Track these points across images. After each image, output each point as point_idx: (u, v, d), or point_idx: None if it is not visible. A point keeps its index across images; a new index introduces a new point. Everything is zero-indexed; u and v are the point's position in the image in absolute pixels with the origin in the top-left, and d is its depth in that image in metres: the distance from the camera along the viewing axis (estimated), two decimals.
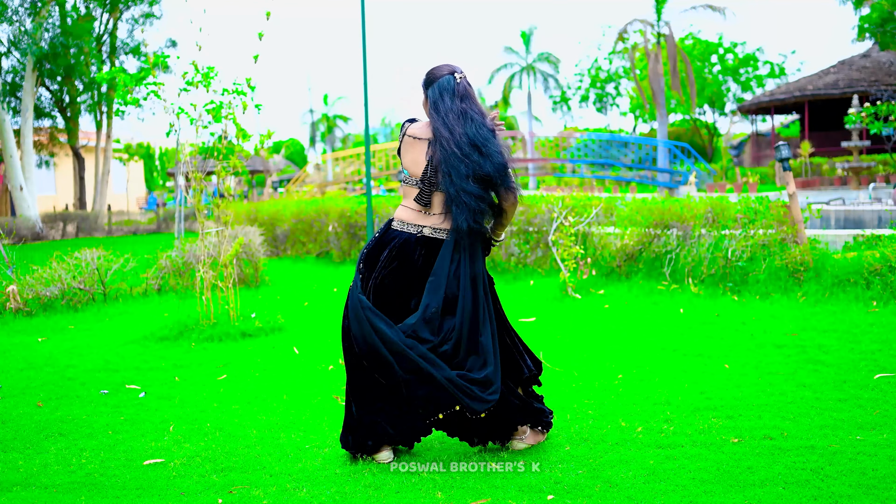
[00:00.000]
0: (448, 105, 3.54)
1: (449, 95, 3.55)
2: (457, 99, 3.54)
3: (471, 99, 3.57)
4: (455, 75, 3.59)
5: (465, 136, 3.47)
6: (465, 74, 3.63)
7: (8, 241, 9.42)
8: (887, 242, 7.41)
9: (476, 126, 3.50)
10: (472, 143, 3.47)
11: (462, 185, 3.44)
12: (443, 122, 3.51)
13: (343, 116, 59.69)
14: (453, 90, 3.55)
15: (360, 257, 3.70)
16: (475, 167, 3.45)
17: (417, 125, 3.65)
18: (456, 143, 3.46)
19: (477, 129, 3.49)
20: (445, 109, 3.53)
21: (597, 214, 8.91)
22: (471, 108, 3.54)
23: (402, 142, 3.66)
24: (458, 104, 3.53)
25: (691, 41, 41.79)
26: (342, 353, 3.71)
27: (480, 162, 3.45)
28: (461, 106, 3.53)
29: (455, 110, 3.52)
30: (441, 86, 3.57)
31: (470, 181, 3.44)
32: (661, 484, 3.19)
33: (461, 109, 3.52)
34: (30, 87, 23.48)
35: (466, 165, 3.44)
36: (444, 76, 3.59)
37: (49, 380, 5.52)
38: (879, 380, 4.55)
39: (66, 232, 23.79)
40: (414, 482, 3.35)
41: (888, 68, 29.42)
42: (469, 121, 3.50)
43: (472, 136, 3.47)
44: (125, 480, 3.53)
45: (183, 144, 7.13)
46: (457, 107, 3.53)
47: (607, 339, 6.01)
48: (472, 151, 3.46)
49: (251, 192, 29.55)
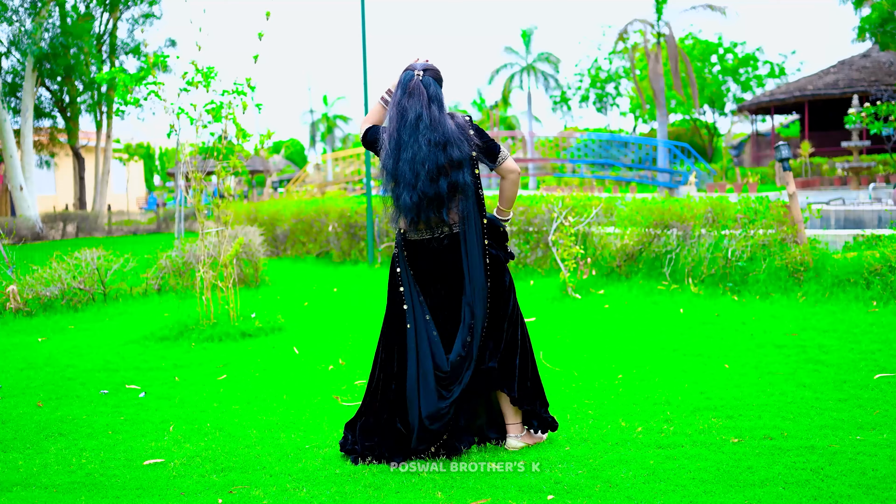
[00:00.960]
0: (396, 99, 3.56)
1: (400, 90, 3.57)
2: (405, 95, 3.53)
3: (417, 97, 3.51)
4: (415, 71, 3.58)
5: (395, 134, 3.50)
6: (427, 72, 3.57)
7: (8, 241, 9.42)
8: (887, 242, 7.41)
9: (407, 126, 3.48)
10: (397, 143, 3.49)
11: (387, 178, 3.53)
12: (388, 120, 3.58)
13: (343, 116, 59.67)
14: (405, 86, 3.56)
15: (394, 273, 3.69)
16: (391, 167, 3.50)
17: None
18: (389, 138, 3.52)
19: (405, 129, 3.48)
20: (393, 102, 3.57)
21: (597, 214, 8.91)
22: (412, 106, 3.50)
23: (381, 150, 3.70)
24: (405, 101, 3.52)
25: (691, 41, 41.79)
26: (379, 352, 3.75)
27: (398, 163, 3.49)
28: (405, 103, 3.52)
29: (399, 106, 3.53)
30: (400, 79, 3.60)
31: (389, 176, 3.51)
32: (661, 484, 3.19)
33: (403, 107, 3.52)
34: (30, 87, 23.48)
35: (391, 160, 3.49)
36: (406, 71, 3.61)
37: (49, 380, 5.52)
38: (879, 380, 4.55)
39: (66, 232, 23.79)
40: (414, 482, 3.35)
41: (888, 68, 29.42)
42: (403, 120, 3.50)
43: (404, 136, 3.49)
44: (125, 480, 3.53)
45: (183, 144, 7.13)
46: (403, 103, 3.53)
47: (607, 339, 6.01)
48: (394, 150, 3.49)
49: (251, 192, 29.54)
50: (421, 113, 3.48)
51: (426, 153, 3.46)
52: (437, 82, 3.58)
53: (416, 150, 3.45)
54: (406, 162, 3.46)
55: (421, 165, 3.45)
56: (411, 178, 3.45)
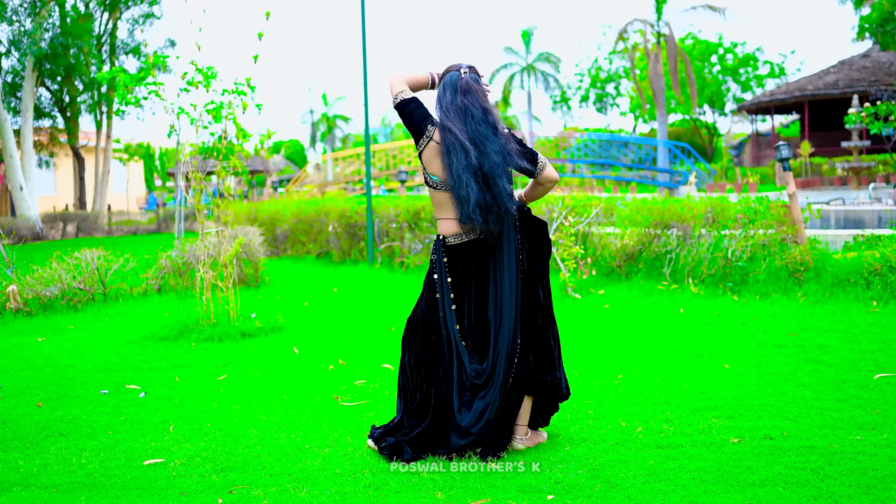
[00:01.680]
0: (448, 100, 3.53)
1: (451, 91, 3.54)
2: (458, 94, 3.52)
3: (473, 94, 3.52)
4: (461, 71, 3.58)
5: (465, 132, 3.46)
6: (471, 71, 3.60)
7: (8, 241, 9.42)
8: (887, 242, 7.41)
9: (476, 122, 3.47)
10: (472, 139, 3.46)
11: (462, 177, 3.41)
12: (447, 118, 3.51)
13: (343, 116, 59.68)
14: (455, 86, 3.54)
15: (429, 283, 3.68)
16: (474, 164, 3.42)
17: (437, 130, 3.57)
18: (458, 137, 3.45)
19: (476, 126, 3.47)
20: (447, 104, 3.53)
21: (597, 214, 8.91)
22: (472, 104, 3.50)
23: (427, 147, 3.56)
24: (460, 99, 3.51)
25: (691, 41, 41.80)
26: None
27: (480, 159, 3.43)
28: (463, 101, 3.50)
29: (455, 105, 3.51)
30: (445, 82, 3.58)
31: (468, 174, 3.40)
32: (661, 484, 3.19)
33: (462, 105, 3.50)
34: (30, 87, 23.48)
35: (466, 158, 3.42)
36: (450, 73, 3.60)
37: (49, 380, 5.52)
38: (879, 380, 4.55)
39: (66, 232, 23.79)
40: (414, 482, 3.35)
41: (888, 68, 29.43)
42: (469, 117, 3.48)
43: (471, 131, 3.46)
44: (125, 480, 3.53)
45: (183, 144, 7.13)
46: (458, 102, 3.51)
47: (607, 339, 6.01)
48: (471, 147, 3.44)
49: (251, 192, 29.54)
50: (486, 107, 3.50)
51: (503, 145, 3.47)
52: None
53: (494, 142, 3.45)
54: (493, 154, 3.42)
55: (500, 157, 3.44)
56: (499, 168, 3.42)
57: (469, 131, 3.46)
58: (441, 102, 3.56)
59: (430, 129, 3.56)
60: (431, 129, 3.56)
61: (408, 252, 10.92)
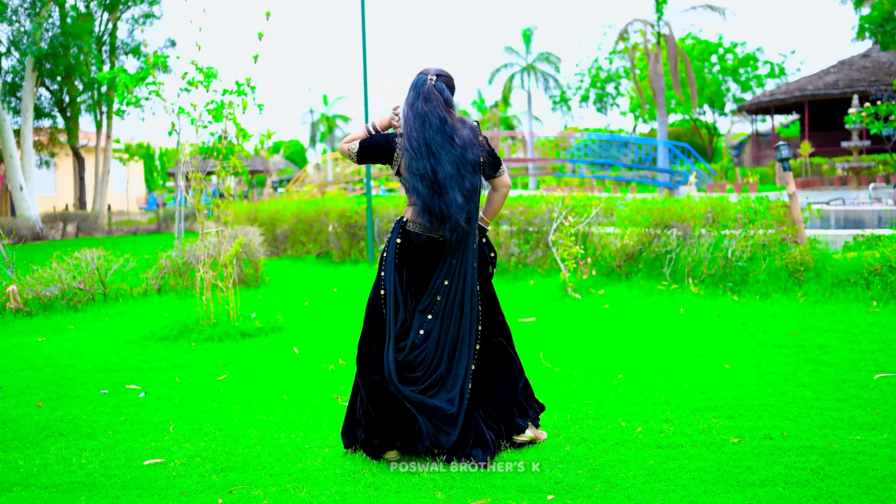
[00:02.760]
0: (411, 101, 3.59)
1: (414, 93, 3.60)
2: (420, 100, 3.56)
3: (433, 102, 3.55)
4: (428, 76, 3.62)
5: (424, 140, 3.51)
6: (441, 78, 3.62)
7: (8, 241, 9.42)
8: (887, 242, 7.40)
9: (433, 131, 3.51)
10: (428, 146, 3.50)
11: (414, 181, 3.51)
12: (405, 122, 3.58)
13: (343, 116, 59.67)
14: (419, 90, 3.59)
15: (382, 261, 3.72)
16: (428, 168, 3.49)
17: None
18: (415, 141, 3.51)
19: (433, 134, 3.51)
20: (409, 103, 3.59)
21: (597, 214, 8.91)
22: (431, 111, 3.53)
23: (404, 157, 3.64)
24: (421, 105, 3.55)
25: (691, 41, 41.79)
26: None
27: (435, 167, 3.49)
28: (423, 108, 3.55)
29: (415, 111, 3.56)
30: (413, 83, 3.63)
31: (416, 178, 3.49)
32: (661, 484, 3.19)
33: (422, 111, 3.54)
34: (30, 87, 23.48)
35: (417, 161, 3.49)
36: (419, 75, 3.64)
37: (49, 380, 5.52)
38: (879, 380, 4.55)
39: (66, 232, 23.79)
40: (414, 482, 3.35)
41: (888, 68, 29.42)
42: (427, 124, 3.52)
43: (427, 139, 3.50)
44: (125, 480, 3.53)
45: (183, 144, 7.13)
46: (419, 107, 3.55)
47: (607, 339, 6.01)
48: (428, 156, 3.50)
49: (251, 192, 29.54)
50: (444, 117, 3.54)
51: (458, 155, 3.52)
52: (449, 88, 3.64)
53: (449, 152, 3.50)
54: (446, 164, 3.48)
55: (454, 167, 3.49)
56: (451, 179, 3.48)
57: (426, 138, 3.51)
58: (408, 98, 3.63)
59: (397, 141, 3.64)
60: (400, 140, 3.63)
61: None
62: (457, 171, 3.50)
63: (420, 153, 3.50)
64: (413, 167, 3.52)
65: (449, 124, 3.54)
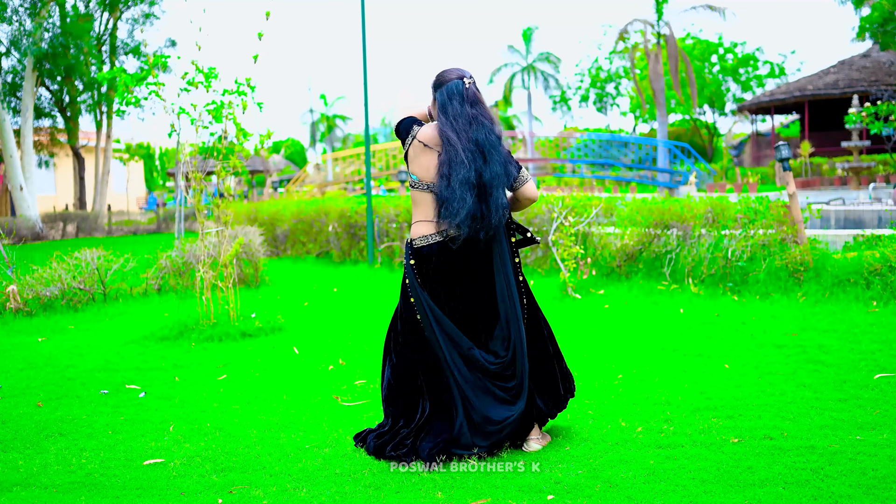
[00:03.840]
0: (457, 109, 3.54)
1: (458, 100, 3.56)
2: (466, 104, 3.56)
3: (480, 104, 3.59)
4: (464, 80, 3.61)
5: (474, 140, 3.49)
6: (474, 80, 3.65)
7: (8, 241, 9.42)
8: (887, 242, 7.40)
9: (486, 131, 3.52)
10: (479, 147, 3.48)
11: (456, 189, 3.44)
12: (451, 127, 3.52)
13: (343, 116, 59.68)
14: (463, 95, 3.57)
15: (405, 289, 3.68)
16: (475, 173, 3.45)
17: (427, 131, 3.61)
18: (463, 148, 3.47)
19: (486, 135, 3.51)
20: (454, 113, 3.54)
21: (597, 214, 8.91)
22: (481, 113, 3.56)
23: (411, 146, 3.63)
24: (468, 109, 3.55)
25: (691, 41, 41.80)
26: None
27: (482, 168, 3.47)
28: (471, 112, 3.55)
29: (465, 115, 3.53)
30: (450, 90, 3.58)
31: (465, 187, 3.43)
32: (661, 484, 3.19)
33: (471, 115, 3.54)
34: (30, 87, 23.48)
35: (466, 170, 3.44)
36: (453, 80, 3.60)
37: (49, 380, 5.52)
38: (879, 380, 4.55)
39: (66, 232, 23.79)
40: (414, 482, 3.35)
41: (888, 68, 29.43)
42: (479, 126, 3.52)
43: (480, 141, 3.49)
44: (125, 480, 3.53)
45: (183, 144, 7.13)
46: (466, 112, 3.54)
47: (607, 339, 6.01)
48: (477, 156, 3.48)
49: (251, 192, 29.54)
50: (493, 118, 3.59)
51: (505, 155, 3.56)
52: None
53: (499, 153, 3.52)
54: (496, 164, 3.48)
55: (502, 167, 3.51)
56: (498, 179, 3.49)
57: (479, 139, 3.49)
58: (447, 110, 3.56)
59: (414, 129, 3.63)
60: (416, 129, 3.63)
61: None
62: (504, 171, 3.52)
63: (465, 160, 3.44)
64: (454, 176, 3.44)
65: (497, 125, 3.58)
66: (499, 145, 3.53)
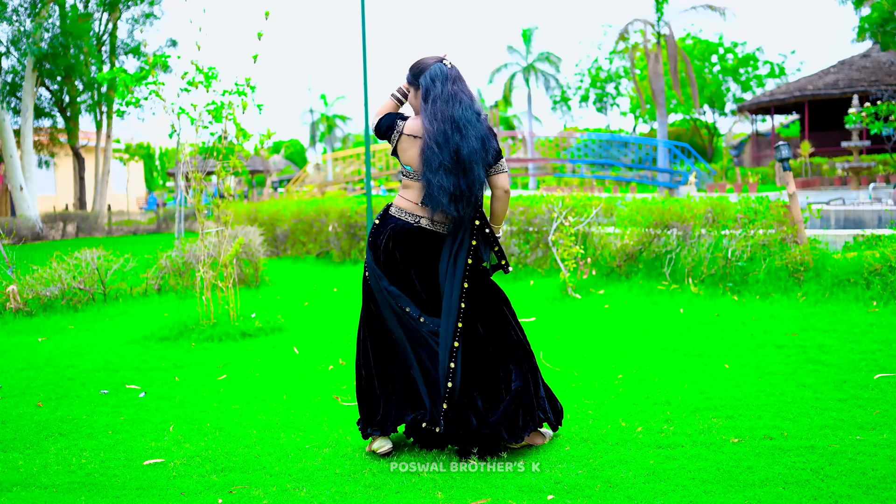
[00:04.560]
0: (438, 90, 3.56)
1: (441, 80, 3.58)
2: (448, 83, 3.58)
3: (461, 81, 3.62)
4: (444, 62, 3.64)
5: (450, 118, 3.50)
6: (452, 62, 3.67)
7: (8, 241, 9.42)
8: (887, 242, 7.40)
9: (463, 108, 3.53)
10: (456, 123, 3.50)
11: (432, 175, 3.48)
12: (431, 112, 3.54)
13: (343, 116, 59.65)
14: (445, 75, 3.59)
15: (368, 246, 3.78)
16: (453, 151, 3.46)
17: (412, 123, 3.65)
18: (438, 129, 3.49)
19: (463, 111, 3.52)
20: (435, 95, 3.56)
21: (597, 214, 8.91)
22: (461, 89, 3.59)
23: (399, 141, 3.66)
24: (450, 87, 3.57)
25: (691, 41, 41.80)
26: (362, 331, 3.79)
27: (459, 143, 3.47)
28: (452, 88, 3.57)
29: (445, 94, 3.55)
30: (433, 73, 3.61)
31: (442, 172, 3.46)
32: (661, 484, 3.19)
33: (452, 91, 3.56)
34: (30, 87, 23.47)
35: (441, 152, 3.47)
36: (432, 64, 3.63)
37: (49, 380, 5.52)
38: (879, 380, 4.55)
39: (66, 232, 23.79)
40: (414, 482, 3.34)
41: (888, 68, 29.43)
42: (458, 103, 3.54)
43: (457, 117, 3.51)
44: (125, 480, 3.53)
45: (183, 144, 7.13)
46: (447, 90, 3.56)
47: (607, 339, 6.01)
48: (454, 133, 3.49)
49: (251, 192, 29.54)
50: (472, 95, 3.60)
51: (483, 131, 3.55)
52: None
53: (476, 128, 3.52)
54: (473, 139, 3.48)
55: (479, 142, 3.51)
56: (476, 154, 3.49)
57: (455, 115, 3.51)
58: (429, 92, 3.58)
59: (399, 124, 3.66)
60: (401, 124, 3.66)
61: None
62: (482, 146, 3.52)
63: (444, 137, 3.47)
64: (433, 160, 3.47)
65: (476, 102, 3.59)
66: (476, 121, 3.53)
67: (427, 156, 3.50)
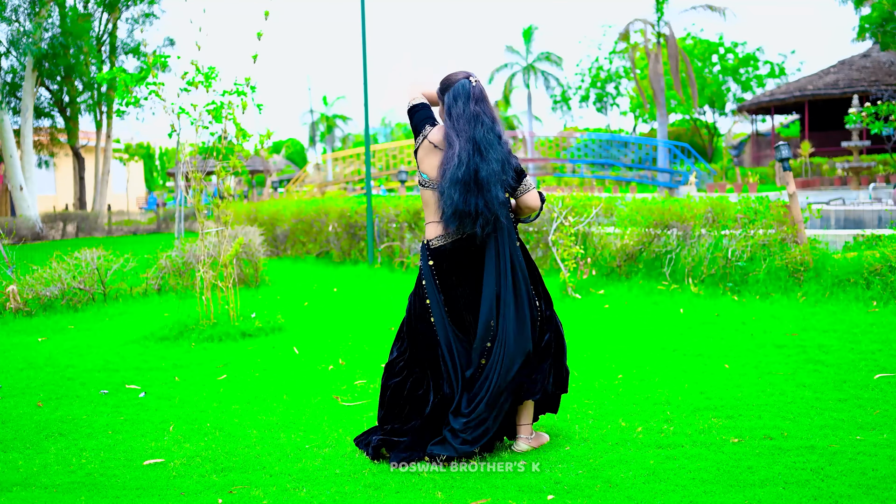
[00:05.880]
0: (461, 109, 3.57)
1: (464, 100, 3.58)
2: (471, 102, 3.58)
3: (484, 102, 3.61)
4: (470, 79, 3.64)
5: (472, 139, 3.51)
6: (479, 79, 3.68)
7: (8, 241, 9.42)
8: (887, 242, 7.40)
9: (485, 130, 3.53)
10: (477, 145, 3.50)
11: (446, 188, 3.48)
12: (453, 128, 3.56)
13: (343, 116, 59.66)
14: (468, 94, 3.59)
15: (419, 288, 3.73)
16: (472, 171, 3.46)
17: (437, 133, 3.66)
18: (461, 148, 3.50)
19: (485, 133, 3.53)
20: (457, 114, 3.57)
21: (597, 214, 8.91)
22: (483, 111, 3.58)
23: (421, 146, 3.67)
24: (472, 107, 3.57)
25: (691, 41, 41.80)
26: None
27: (479, 165, 3.47)
28: (475, 108, 3.57)
29: (467, 114, 3.56)
30: (456, 91, 3.61)
31: (455, 186, 3.46)
32: (661, 484, 3.19)
33: (474, 112, 3.56)
34: (30, 87, 23.47)
35: (459, 168, 3.47)
36: (459, 81, 3.63)
37: (49, 380, 5.52)
38: (879, 380, 4.55)
39: (66, 232, 23.79)
40: (414, 482, 3.35)
41: (888, 68, 29.43)
42: (479, 124, 3.54)
43: (478, 138, 3.51)
44: (125, 480, 3.53)
45: (183, 144, 7.13)
46: (470, 110, 3.56)
47: (607, 340, 6.01)
48: (475, 154, 3.49)
49: (251, 192, 29.53)
50: (495, 116, 3.61)
51: (504, 153, 3.55)
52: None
53: (496, 150, 3.52)
54: (493, 161, 3.49)
55: (499, 164, 3.52)
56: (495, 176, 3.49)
57: (477, 137, 3.51)
58: (451, 111, 3.59)
59: (426, 129, 3.68)
60: (428, 129, 3.68)
61: (408, 252, 10.92)
62: (501, 168, 3.52)
63: (461, 159, 3.47)
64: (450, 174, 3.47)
65: (498, 123, 3.60)
66: (497, 143, 3.54)
67: (446, 169, 3.51)
